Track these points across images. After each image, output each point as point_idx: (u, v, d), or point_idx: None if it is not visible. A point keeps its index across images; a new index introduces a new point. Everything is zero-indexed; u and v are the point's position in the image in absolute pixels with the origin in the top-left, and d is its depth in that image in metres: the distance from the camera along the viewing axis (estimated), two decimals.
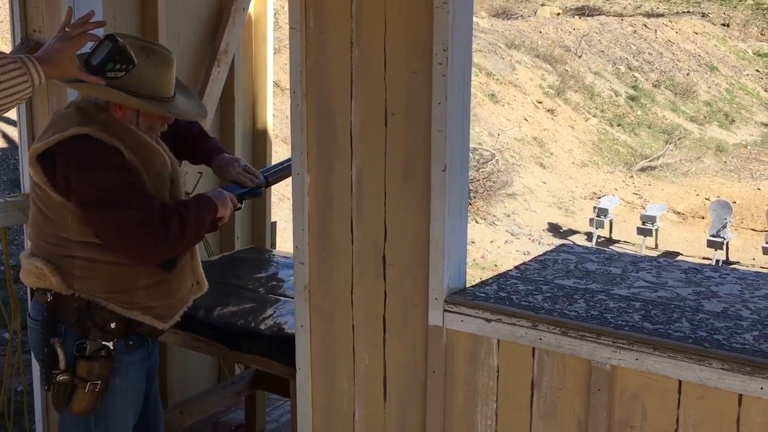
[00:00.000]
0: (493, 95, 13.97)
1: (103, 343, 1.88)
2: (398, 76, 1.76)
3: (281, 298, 2.50)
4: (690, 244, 11.23)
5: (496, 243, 9.66)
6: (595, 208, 11.39)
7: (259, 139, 3.50)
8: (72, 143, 1.83)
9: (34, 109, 2.52)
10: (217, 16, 3.20)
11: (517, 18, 19.83)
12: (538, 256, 2.13)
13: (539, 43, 17.82)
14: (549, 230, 10.98)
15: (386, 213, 1.83)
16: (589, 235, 11.03)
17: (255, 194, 2.24)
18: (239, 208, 2.15)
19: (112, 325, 1.89)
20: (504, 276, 1.93)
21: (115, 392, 1.92)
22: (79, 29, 1.69)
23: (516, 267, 2.01)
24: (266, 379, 3.01)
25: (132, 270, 1.90)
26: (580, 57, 18.33)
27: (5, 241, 2.54)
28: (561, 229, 11.23)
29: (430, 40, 1.69)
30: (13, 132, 5.72)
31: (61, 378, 1.85)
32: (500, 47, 16.16)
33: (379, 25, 1.76)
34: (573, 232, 11.28)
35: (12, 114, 5.63)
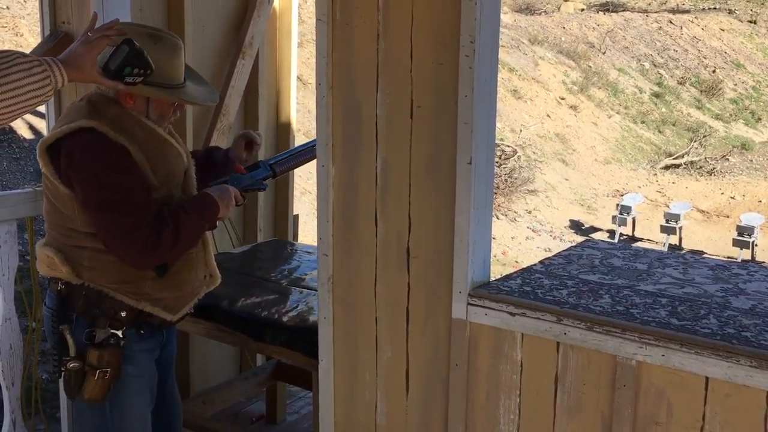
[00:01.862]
0: (515, 91, 13.90)
1: (112, 331, 1.88)
2: (424, 68, 1.76)
3: (304, 289, 2.51)
4: (714, 243, 11.10)
5: (517, 239, 9.62)
6: (617, 205, 11.29)
7: (282, 133, 3.51)
8: (77, 136, 1.83)
9: (62, 101, 2.55)
10: (242, 9, 3.21)
11: (540, 13, 19.69)
12: (563, 251, 2.12)
13: (563, 38, 17.69)
14: (571, 227, 10.91)
15: (411, 205, 1.83)
16: (611, 233, 10.94)
17: (260, 188, 2.22)
18: (242, 204, 2.13)
19: (123, 314, 1.90)
20: (528, 270, 1.92)
21: (128, 379, 1.93)
22: (99, 33, 1.73)
23: (540, 262, 2.00)
24: (287, 370, 3.02)
25: None
26: (603, 53, 18.16)
27: (31, 230, 2.57)
28: (583, 226, 11.16)
29: (457, 32, 1.68)
30: (39, 123, 5.79)
31: (71, 365, 1.87)
32: (523, 43, 16.07)
33: (406, 17, 1.76)
34: (595, 229, 11.20)
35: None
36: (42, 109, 5.66)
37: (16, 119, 1.61)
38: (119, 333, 1.89)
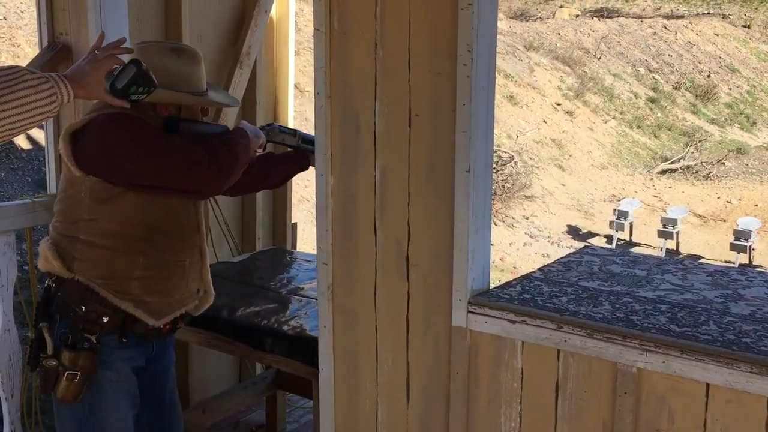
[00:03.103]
0: (511, 97, 13.93)
1: (86, 335, 1.89)
2: (422, 77, 1.76)
3: (304, 298, 2.51)
4: (712, 248, 11.12)
5: (515, 245, 9.62)
6: (614, 210, 11.30)
7: None
8: (108, 116, 1.90)
9: (61, 116, 2.56)
10: (240, 18, 3.22)
11: (535, 20, 19.77)
12: (562, 258, 2.12)
13: (558, 45, 17.74)
14: (568, 233, 10.92)
15: (410, 214, 1.83)
16: (609, 238, 10.95)
17: (287, 143, 2.33)
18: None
19: (105, 319, 1.91)
20: (528, 278, 1.92)
21: (106, 384, 1.94)
22: (107, 52, 1.75)
23: (539, 269, 2.00)
24: (287, 379, 3.02)
25: (129, 258, 1.93)
26: (599, 59, 18.23)
27: (30, 241, 2.57)
28: (580, 231, 11.17)
29: (455, 41, 1.69)
30: (37, 134, 5.79)
31: (47, 363, 1.89)
32: (519, 49, 16.12)
33: (404, 27, 1.76)
34: (593, 234, 11.21)
35: None
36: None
37: (22, 134, 1.63)
38: (93, 338, 1.89)
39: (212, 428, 2.75)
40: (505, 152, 11.32)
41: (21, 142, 5.76)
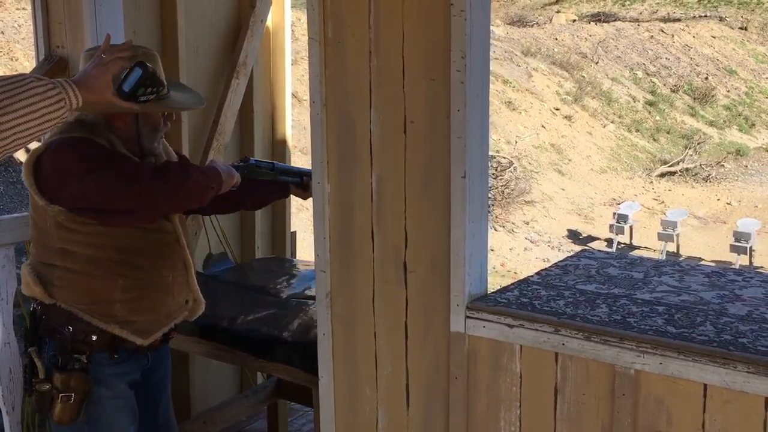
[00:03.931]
0: (509, 103, 13.96)
1: (75, 355, 1.86)
2: (417, 84, 1.78)
3: (303, 306, 2.51)
4: (712, 249, 11.12)
5: (516, 250, 9.62)
6: (614, 214, 11.31)
7: (279, 150, 3.52)
8: (64, 143, 1.86)
9: None
10: (236, 28, 3.24)
11: (532, 25, 19.83)
12: (559, 261, 2.13)
13: (555, 50, 17.79)
14: (569, 237, 10.93)
15: (407, 220, 1.84)
16: (609, 242, 10.95)
17: (265, 176, 2.28)
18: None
19: (93, 338, 1.88)
20: (525, 282, 1.93)
21: (103, 402, 1.92)
22: (113, 55, 1.73)
23: (537, 273, 2.01)
24: (288, 388, 3.02)
25: (108, 283, 1.89)
26: (596, 63, 18.27)
27: (29, 254, 2.58)
28: (581, 235, 11.18)
29: (448, 48, 1.70)
30: (33, 145, 5.81)
31: (41, 387, 1.87)
32: (516, 55, 16.16)
33: (397, 34, 1.78)
34: (593, 238, 11.21)
35: None
36: None
37: (31, 141, 1.60)
38: (83, 358, 1.86)
39: None
40: (504, 158, 11.33)
41: (19, 154, 5.78)
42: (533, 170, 12.11)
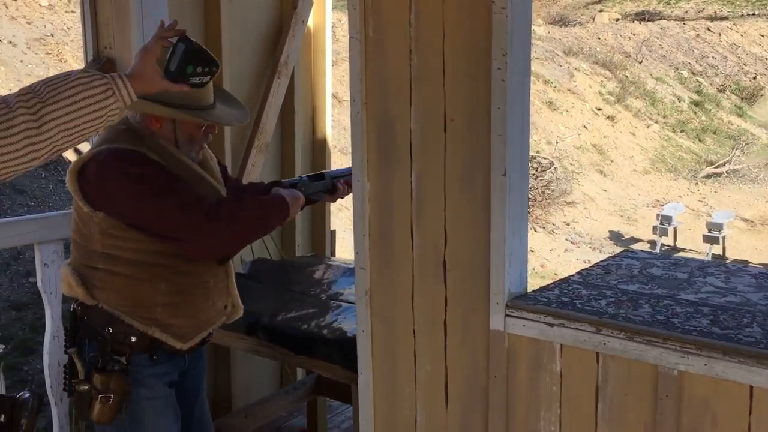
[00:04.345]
0: (550, 103, 13.81)
1: (116, 357, 1.87)
2: (457, 82, 1.77)
3: (343, 303, 2.53)
4: (759, 252, 10.83)
5: (556, 252, 9.52)
6: (658, 215, 11.10)
7: (319, 150, 3.55)
8: (112, 153, 1.84)
9: None
10: (278, 29, 3.28)
11: (574, 25, 19.59)
12: (601, 261, 2.11)
13: (598, 49, 17.55)
14: (610, 238, 10.76)
15: (446, 218, 1.84)
16: (652, 244, 10.76)
17: (318, 199, 2.27)
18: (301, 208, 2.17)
19: (133, 339, 1.89)
20: (566, 281, 1.91)
21: (142, 403, 1.92)
22: (156, 37, 1.62)
23: (578, 272, 1.99)
24: (328, 384, 3.04)
25: (150, 287, 1.89)
26: (640, 63, 17.97)
27: None
28: (623, 237, 11.00)
29: (489, 46, 1.70)
30: (84, 147, 5.97)
31: (81, 388, 1.87)
32: (558, 54, 15.99)
33: (438, 33, 1.78)
34: (635, 240, 11.03)
35: None
36: None
37: (82, 138, 1.52)
38: (123, 360, 1.87)
39: None
40: (545, 158, 11.22)
41: (68, 154, 5.93)
42: (574, 171, 11.97)
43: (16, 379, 3.80)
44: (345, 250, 6.00)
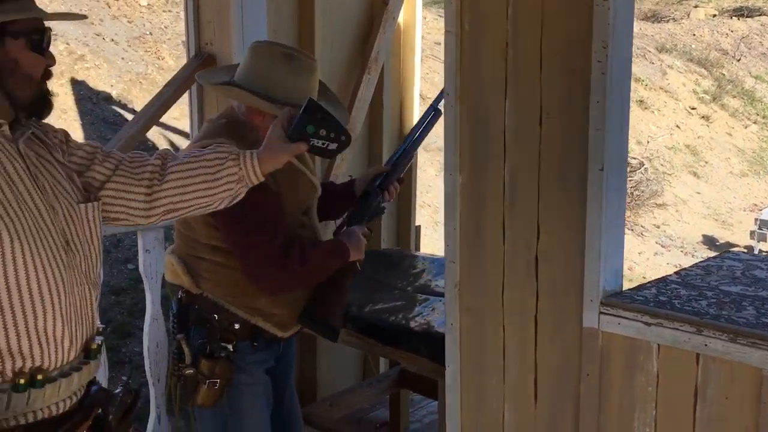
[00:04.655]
0: (641, 101, 13.38)
1: (224, 344, 1.92)
2: (554, 75, 1.75)
3: (430, 296, 2.54)
4: None
5: (645, 255, 9.23)
6: (756, 220, 10.58)
7: None
8: None
9: (204, 107, 2.73)
10: (368, 25, 3.32)
11: (668, 21, 18.89)
12: (700, 262, 2.04)
13: (693, 46, 16.87)
14: (704, 243, 10.34)
15: (539, 213, 1.82)
16: (749, 249, 10.26)
17: (380, 213, 2.18)
18: (370, 234, 2.12)
19: (236, 326, 1.94)
20: (663, 281, 1.86)
21: (243, 388, 1.97)
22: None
23: (676, 272, 1.93)
24: (411, 378, 3.06)
25: None
26: (738, 60, 17.16)
27: None
28: (717, 242, 10.54)
29: (589, 39, 1.67)
30: (181, 142, 6.20)
31: (186, 372, 1.93)
32: (650, 51, 15.46)
33: (536, 26, 1.76)
34: (731, 245, 10.54)
35: (180, 123, 6.10)
36: (185, 128, 5.98)
37: (199, 208, 1.54)
38: (230, 347, 1.93)
39: (339, 422, 2.84)
40: (635, 158, 10.89)
41: (165, 148, 6.19)
42: (666, 172, 11.55)
43: (115, 360, 4.00)
44: (428, 246, 6.01)
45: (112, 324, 4.32)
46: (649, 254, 9.32)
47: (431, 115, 2.20)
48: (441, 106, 2.07)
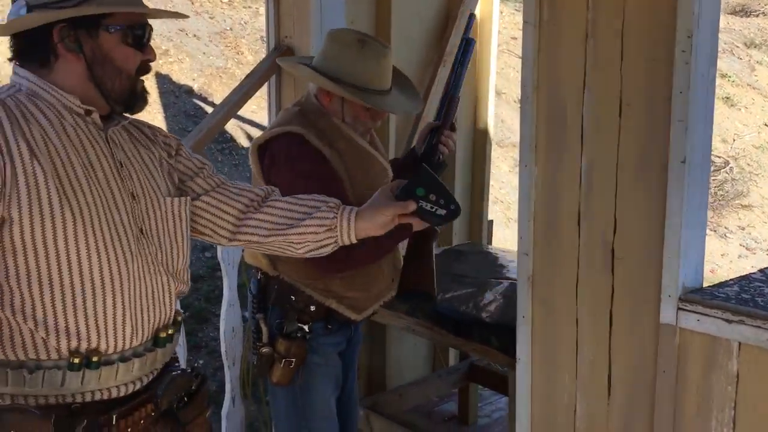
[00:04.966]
0: (728, 98, 12.86)
1: (300, 325, 1.98)
2: (635, 65, 1.72)
3: (502, 288, 2.52)
4: None
5: (728, 257, 8.88)
6: None
7: (479, 139, 3.56)
8: (283, 139, 1.94)
9: (282, 95, 2.79)
10: (444, 19, 3.32)
11: (757, 15, 18.08)
12: None
13: None
14: None
15: (617, 206, 1.79)
16: None
17: (441, 168, 2.09)
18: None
19: (312, 308, 1.99)
20: (746, 278, 1.80)
21: (314, 368, 2.02)
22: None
23: (760, 270, 1.87)
24: (481, 373, 3.06)
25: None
26: None
27: None
28: None
29: (673, 27, 1.63)
30: (256, 133, 6.35)
31: (264, 350, 1.98)
32: (738, 47, 14.84)
33: (618, 15, 1.73)
34: None
35: (257, 116, 6.24)
36: (263, 120, 6.11)
37: (277, 250, 1.55)
38: (306, 327, 1.98)
39: (407, 413, 2.86)
40: (719, 157, 10.48)
41: (241, 140, 6.36)
42: (752, 172, 11.06)
43: (191, 345, 4.14)
44: (500, 242, 5.96)
45: (189, 310, 4.48)
46: (732, 257, 8.97)
47: (463, 47, 2.16)
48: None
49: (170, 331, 1.40)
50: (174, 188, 1.47)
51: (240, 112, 3.75)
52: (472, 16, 2.23)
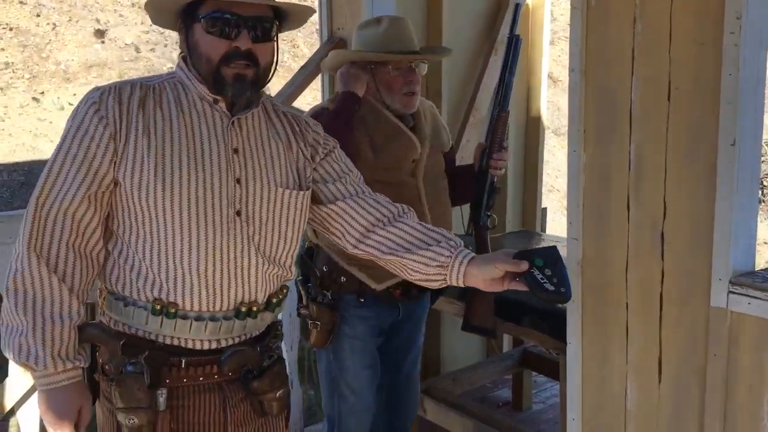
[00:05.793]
0: None
1: (324, 291, 2.11)
2: (684, 48, 1.71)
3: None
4: None
5: None
6: None
7: (532, 128, 3.56)
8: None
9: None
10: (495, 6, 3.32)
11: None
12: None
13: None
14: None
15: (666, 190, 1.79)
16: None
17: (493, 192, 2.27)
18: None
19: (342, 279, 2.11)
20: None
21: (343, 338, 2.14)
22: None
23: None
24: (534, 359, 3.07)
25: None
26: None
27: None
28: None
29: (722, 9, 1.62)
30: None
31: (302, 312, 2.16)
32: None
33: None
34: None
35: (309, 107, 6.34)
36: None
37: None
38: (328, 294, 2.10)
39: (461, 397, 2.90)
40: None
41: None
42: None
43: None
44: (555, 231, 5.91)
45: None
46: None
47: (511, 46, 2.22)
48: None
49: (254, 309, 1.50)
50: (303, 182, 1.55)
51: (295, 103, 3.83)
52: (518, 7, 2.27)
